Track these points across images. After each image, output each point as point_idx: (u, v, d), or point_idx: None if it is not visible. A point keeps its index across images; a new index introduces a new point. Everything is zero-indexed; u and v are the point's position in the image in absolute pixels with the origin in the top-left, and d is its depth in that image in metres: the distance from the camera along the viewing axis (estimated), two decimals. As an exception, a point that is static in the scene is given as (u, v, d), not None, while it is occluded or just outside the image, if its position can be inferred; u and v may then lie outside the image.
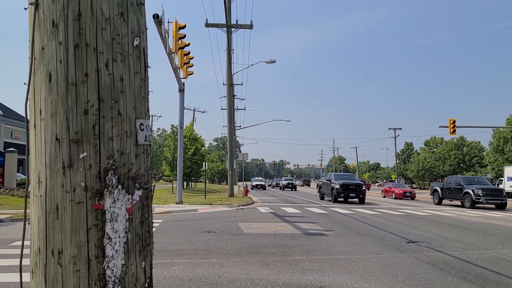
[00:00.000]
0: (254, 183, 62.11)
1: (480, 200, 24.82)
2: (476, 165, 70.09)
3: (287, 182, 61.59)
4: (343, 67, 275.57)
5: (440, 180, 62.64)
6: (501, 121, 52.84)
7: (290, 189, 57.97)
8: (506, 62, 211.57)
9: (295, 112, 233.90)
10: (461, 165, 69.66)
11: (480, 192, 24.93)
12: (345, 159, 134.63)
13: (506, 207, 25.50)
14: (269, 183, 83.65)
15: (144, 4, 1.73)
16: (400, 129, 77.24)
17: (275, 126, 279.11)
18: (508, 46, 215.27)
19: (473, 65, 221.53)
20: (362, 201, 27.09)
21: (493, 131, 51.54)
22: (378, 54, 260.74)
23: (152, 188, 1.75)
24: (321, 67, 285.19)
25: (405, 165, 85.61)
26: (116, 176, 1.57)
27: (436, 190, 30.08)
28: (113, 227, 1.54)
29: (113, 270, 1.54)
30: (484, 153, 64.58)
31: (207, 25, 27.55)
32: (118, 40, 1.60)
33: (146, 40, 1.77)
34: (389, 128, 74.35)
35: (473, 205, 25.16)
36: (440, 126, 34.61)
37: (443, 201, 29.46)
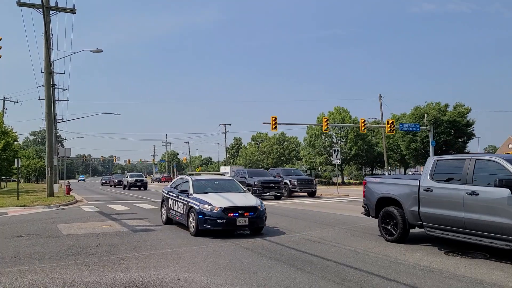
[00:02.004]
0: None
1: (296, 189, 27.93)
2: (294, 158, 78.52)
3: (134, 179, 43.49)
4: (173, 60, 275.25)
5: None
6: (313, 119, 60.43)
7: (138, 188, 42.38)
8: (320, 66, 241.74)
9: (126, 105, 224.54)
10: (282, 158, 77.13)
11: (295, 182, 28.03)
12: (178, 154, 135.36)
13: (316, 195, 29.26)
14: (104, 181, 68.12)
15: None
16: (230, 125, 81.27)
17: (104, 120, 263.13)
18: (295, 54, 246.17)
19: (286, 68, 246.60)
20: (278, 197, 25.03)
21: (307, 128, 58.49)
22: (207, 50, 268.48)
23: None
24: (152, 59, 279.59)
25: (235, 159, 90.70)
26: None
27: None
28: None
29: None
30: (300, 147, 72.74)
31: (20, 4, 24.20)
32: None
33: None
34: (220, 124, 77.41)
35: (290, 194, 28.15)
36: (264, 123, 37.47)
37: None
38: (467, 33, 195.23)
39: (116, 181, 52.29)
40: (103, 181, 69.83)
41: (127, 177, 45.62)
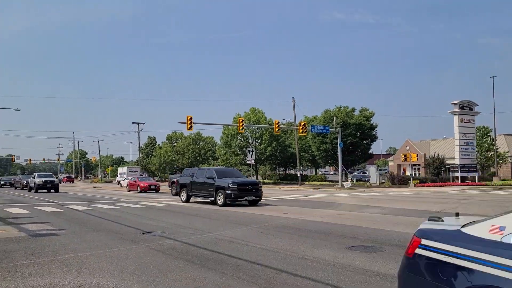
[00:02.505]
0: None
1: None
2: (210, 158, 78.36)
3: (43, 179, 38.15)
4: (81, 55, 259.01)
5: (180, 172, 67.19)
6: (230, 119, 60.73)
7: (48, 191, 37.55)
8: (233, 68, 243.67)
9: (27, 100, 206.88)
10: (198, 158, 76.56)
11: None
12: (86, 153, 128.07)
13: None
14: (4, 182, 61.43)
15: None
16: (144, 123, 78.78)
17: (1, 116, 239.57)
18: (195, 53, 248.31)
19: (204, 67, 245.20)
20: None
21: (223, 128, 58.73)
22: (119, 46, 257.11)
23: None
24: (58, 53, 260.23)
25: (148, 159, 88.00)
26: None
27: (173, 182, 32.08)
28: None
29: None
30: (216, 147, 72.81)
31: None
32: None
33: None
34: (133, 122, 74.62)
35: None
36: (179, 122, 37.00)
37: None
38: (374, 42, 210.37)
39: (25, 182, 45.61)
40: (1, 183, 61.51)
41: (34, 177, 39.90)
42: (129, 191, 39.49)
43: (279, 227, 11.83)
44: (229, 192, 19.62)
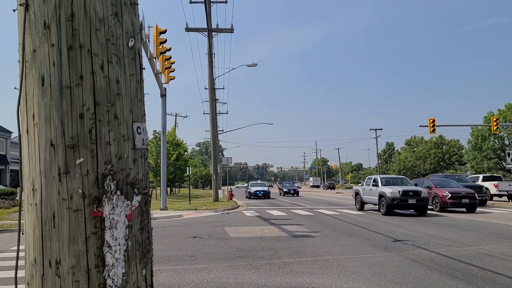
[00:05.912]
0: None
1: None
2: (456, 163, 71.51)
3: (401, 189, 18.99)
4: (322, 70, 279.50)
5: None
6: (479, 119, 54.08)
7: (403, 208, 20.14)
8: (481, 61, 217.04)
9: (277, 115, 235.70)
10: (441, 163, 70.99)
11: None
12: (327, 161, 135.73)
13: (486, 204, 26.02)
14: (287, 189, 47.04)
15: (137, 4, 1.69)
16: (381, 129, 78.42)
17: (257, 130, 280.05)
18: (480, 47, 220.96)
19: (448, 65, 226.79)
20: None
21: (472, 129, 52.67)
22: (356, 57, 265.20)
23: (150, 193, 1.70)
24: (301, 71, 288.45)
25: (387, 165, 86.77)
26: (115, 182, 1.51)
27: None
28: (112, 235, 1.49)
29: (113, 279, 1.49)
30: (463, 151, 65.91)
31: (188, 29, 27.44)
32: (112, 41, 1.55)
33: (140, 41, 1.72)
34: (370, 129, 75.17)
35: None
36: (420, 126, 35.24)
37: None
38: None
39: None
40: (285, 190, 47.47)
41: (376, 183, 21.17)
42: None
43: None
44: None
